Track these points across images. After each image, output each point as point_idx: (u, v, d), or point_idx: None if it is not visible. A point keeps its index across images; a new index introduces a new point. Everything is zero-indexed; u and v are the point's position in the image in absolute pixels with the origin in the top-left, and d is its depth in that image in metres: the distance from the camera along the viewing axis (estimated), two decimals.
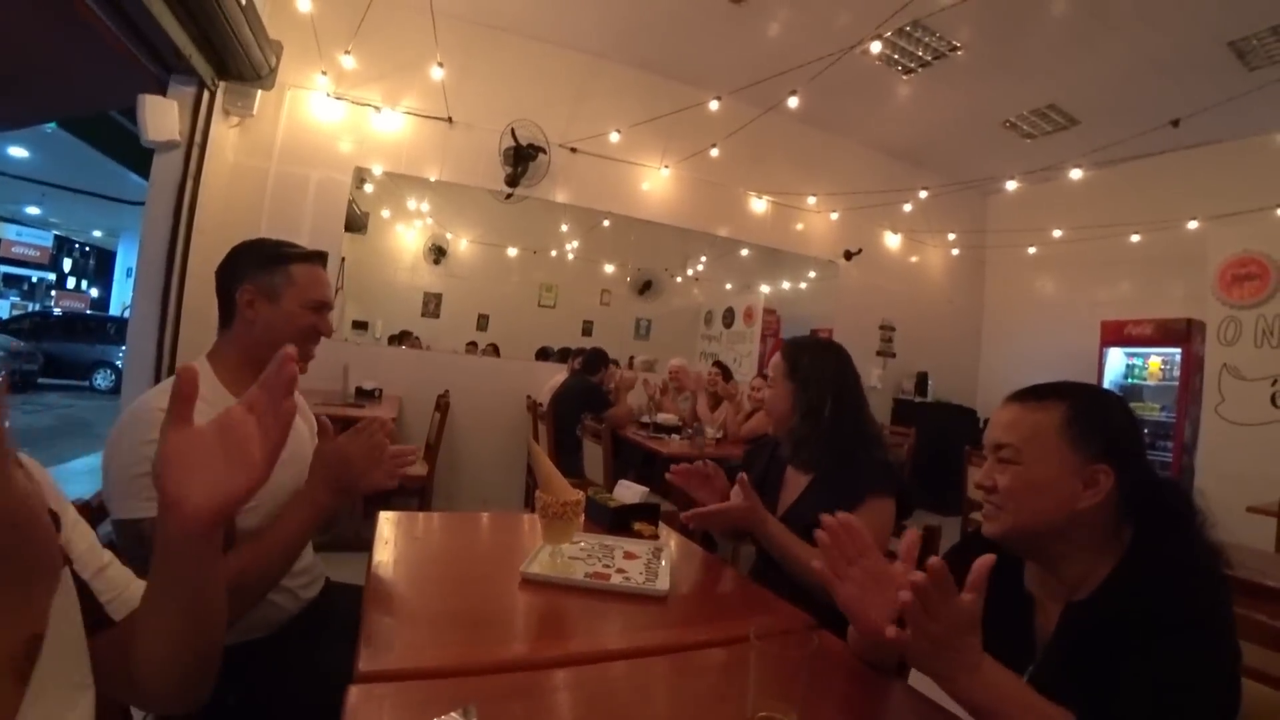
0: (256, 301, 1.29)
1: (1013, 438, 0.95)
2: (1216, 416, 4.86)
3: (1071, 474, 0.90)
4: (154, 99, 3.58)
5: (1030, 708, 0.78)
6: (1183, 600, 0.81)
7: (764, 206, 6.05)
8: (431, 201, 6.51)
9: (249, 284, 1.29)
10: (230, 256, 1.34)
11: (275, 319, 1.29)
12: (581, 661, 0.93)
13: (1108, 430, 0.93)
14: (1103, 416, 0.94)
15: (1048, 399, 0.96)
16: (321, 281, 1.36)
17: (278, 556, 1.14)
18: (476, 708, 0.68)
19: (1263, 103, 4.36)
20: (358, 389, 4.22)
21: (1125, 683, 0.78)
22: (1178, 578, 0.83)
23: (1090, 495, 0.90)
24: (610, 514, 1.55)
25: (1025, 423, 0.96)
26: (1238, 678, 0.84)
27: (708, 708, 0.86)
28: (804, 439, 1.63)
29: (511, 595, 1.14)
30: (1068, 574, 0.94)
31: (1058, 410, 0.94)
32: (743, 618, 1.11)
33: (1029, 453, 0.93)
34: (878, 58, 4.72)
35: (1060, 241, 6.25)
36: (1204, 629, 0.79)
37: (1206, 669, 0.77)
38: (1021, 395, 1.00)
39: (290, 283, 1.30)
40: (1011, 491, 0.93)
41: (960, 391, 6.88)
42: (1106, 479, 0.90)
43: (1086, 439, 0.91)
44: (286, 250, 1.34)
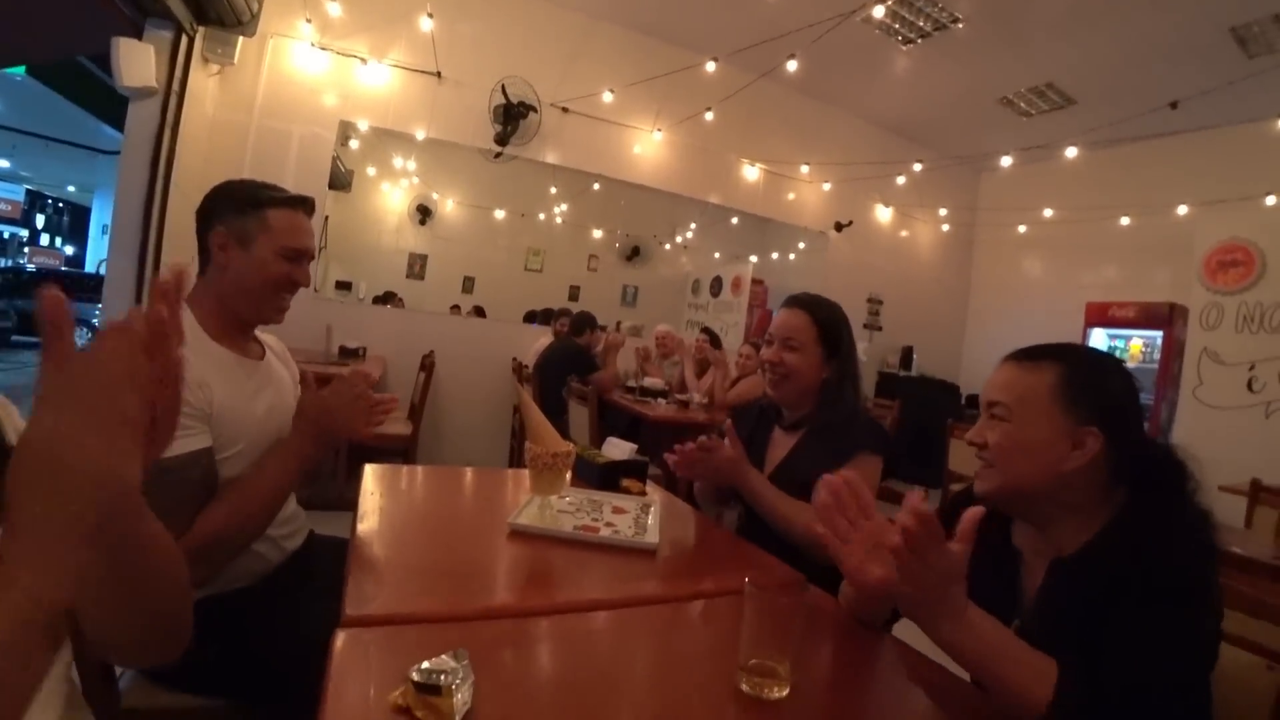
0: (229, 246, 1.23)
1: (1006, 397, 0.96)
2: (1194, 399, 4.95)
3: (1060, 436, 0.91)
4: (129, 42, 3.45)
5: (1011, 654, 0.79)
6: (1169, 562, 0.81)
7: (756, 174, 5.99)
8: (418, 160, 6.39)
9: (222, 226, 1.24)
10: (208, 197, 1.29)
11: (247, 266, 1.23)
12: (571, 610, 0.92)
13: (1101, 395, 0.93)
14: (1097, 381, 0.94)
15: (1043, 361, 0.96)
16: (300, 229, 1.30)
17: (261, 505, 1.12)
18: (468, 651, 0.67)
19: (1259, 90, 4.36)
20: (341, 348, 4.16)
21: (1109, 639, 0.78)
22: (1165, 540, 0.84)
23: (1077, 457, 0.90)
24: (599, 470, 1.54)
25: (1019, 383, 0.96)
26: (1218, 639, 0.85)
27: (699, 656, 0.86)
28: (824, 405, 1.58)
29: (499, 547, 1.13)
30: (1057, 532, 0.94)
31: (1052, 372, 0.94)
32: (732, 572, 1.10)
33: (1020, 412, 0.94)
34: (877, 25, 4.64)
35: (1050, 222, 6.27)
36: (1189, 590, 0.79)
37: (1189, 629, 0.78)
38: (1018, 355, 1.00)
39: (265, 228, 1.24)
40: (1001, 449, 0.94)
41: (944, 367, 6.94)
42: (1095, 442, 0.90)
43: (1078, 402, 0.91)
44: (265, 193, 1.27)
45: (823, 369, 1.59)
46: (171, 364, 0.53)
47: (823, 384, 1.59)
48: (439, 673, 0.62)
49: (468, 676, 0.63)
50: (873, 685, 0.90)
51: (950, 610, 0.79)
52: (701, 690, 0.76)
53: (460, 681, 0.62)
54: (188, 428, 1.07)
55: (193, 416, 1.08)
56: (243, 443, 1.16)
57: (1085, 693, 0.74)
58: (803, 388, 1.59)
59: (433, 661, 0.64)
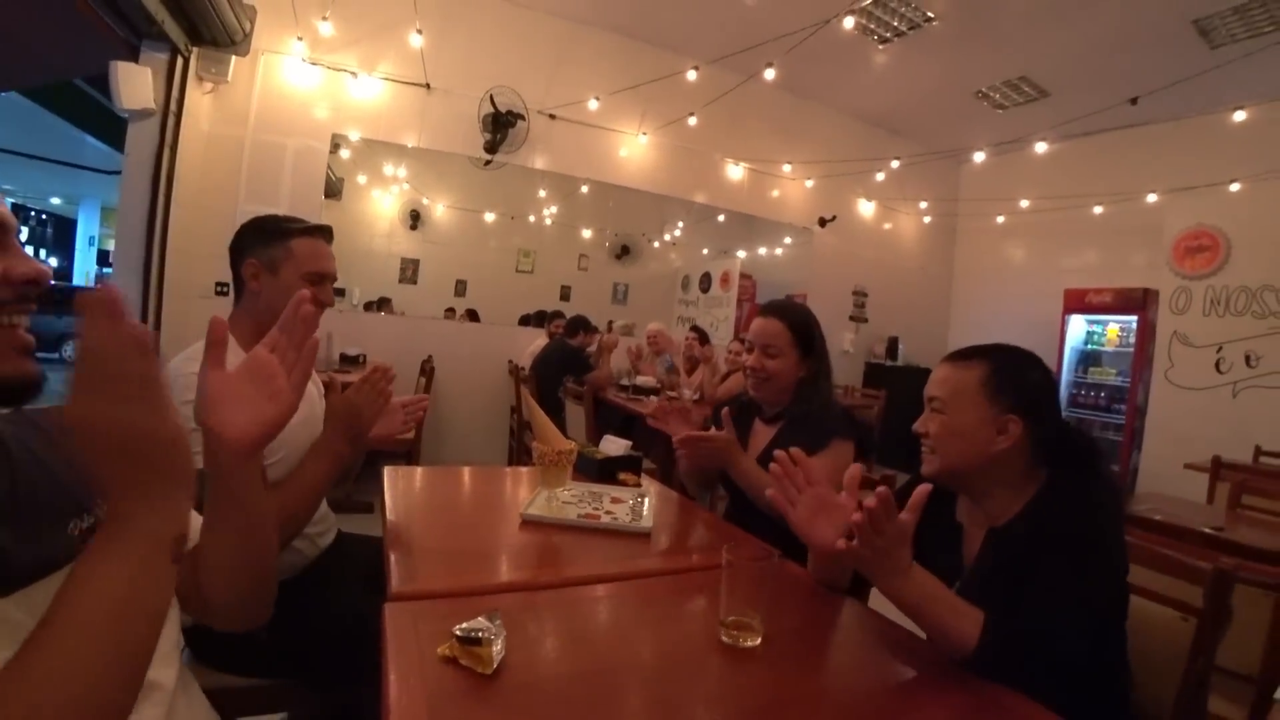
0: (260, 274, 1.38)
1: (941, 391, 1.13)
2: (1166, 381, 5.15)
3: (987, 423, 1.08)
4: (127, 66, 3.53)
5: (947, 604, 0.95)
6: (1080, 526, 0.98)
7: (741, 173, 6.14)
8: (409, 167, 6.47)
9: (253, 258, 1.39)
10: (239, 234, 1.44)
11: (275, 290, 1.38)
12: (580, 583, 1.09)
13: (1021, 387, 1.10)
14: (1017, 375, 1.11)
15: (973, 359, 1.13)
16: (321, 254, 1.45)
17: (303, 503, 1.26)
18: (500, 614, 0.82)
19: (1222, 80, 4.51)
20: (342, 355, 4.29)
21: (1031, 588, 0.94)
22: (1076, 508, 1.01)
23: (1002, 440, 1.07)
24: (597, 465, 1.71)
25: (953, 379, 1.13)
26: (1125, 588, 1.02)
27: (686, 618, 1.04)
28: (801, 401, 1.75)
29: (514, 534, 1.30)
30: (991, 506, 1.11)
31: (979, 369, 1.11)
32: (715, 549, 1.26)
33: (953, 404, 1.11)
34: (854, 27, 4.79)
35: (1028, 211, 6.45)
36: (1095, 548, 0.96)
37: (1095, 580, 0.95)
38: (953, 356, 1.17)
39: (289, 255, 1.39)
40: (939, 437, 1.11)
41: (930, 356, 7.08)
42: (1016, 427, 1.07)
43: (1001, 393, 1.08)
44: (287, 225, 1.43)
45: (799, 368, 1.76)
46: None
47: (799, 381, 1.76)
48: (478, 630, 0.77)
49: (501, 633, 0.79)
50: (833, 636, 1.07)
51: (897, 568, 0.95)
52: (689, 642, 0.93)
53: (495, 636, 0.77)
54: None
55: None
56: (283, 450, 1.31)
57: (1005, 634, 0.90)
58: (782, 386, 1.77)
59: (471, 621, 0.79)
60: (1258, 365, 4.69)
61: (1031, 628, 0.90)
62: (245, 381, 0.73)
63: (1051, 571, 0.94)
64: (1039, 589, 0.94)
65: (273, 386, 0.74)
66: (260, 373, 0.74)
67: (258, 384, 0.73)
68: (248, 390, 0.73)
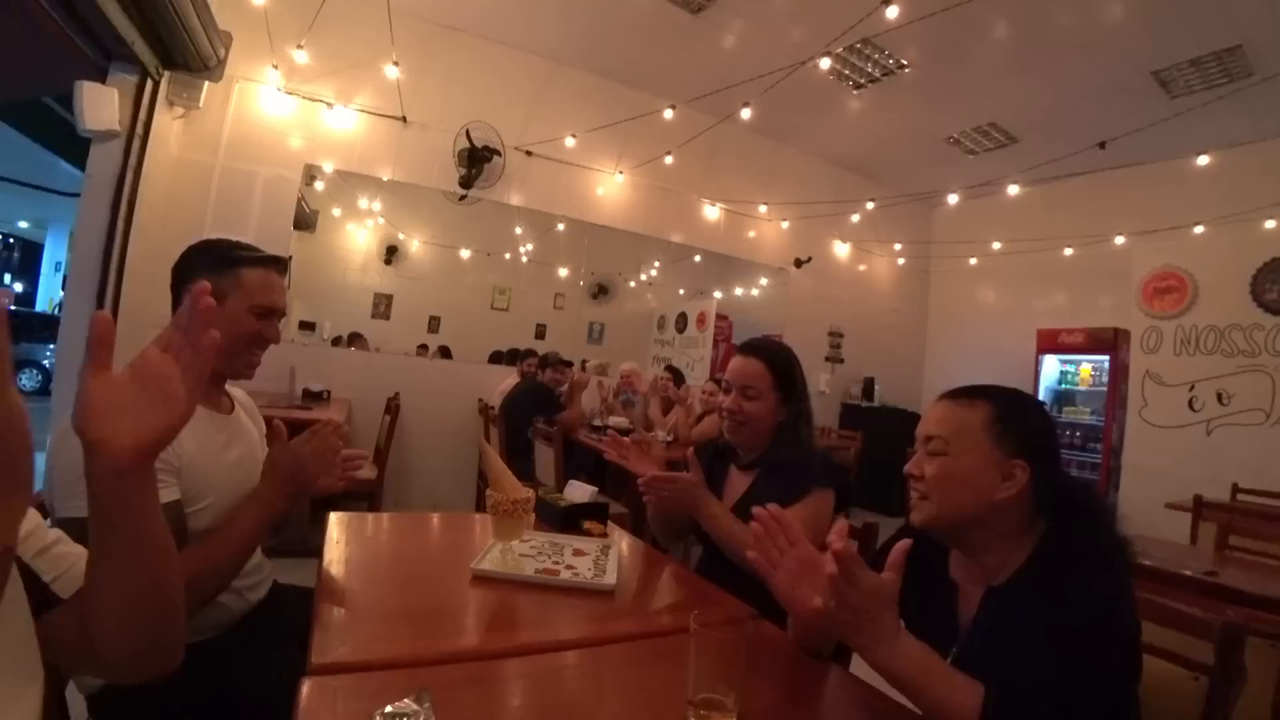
0: None
1: (942, 431, 1.04)
2: (1140, 420, 5.17)
3: (992, 467, 0.99)
4: (92, 86, 3.44)
5: (941, 676, 0.85)
6: (1088, 585, 0.88)
7: (717, 214, 6.16)
8: (384, 201, 6.41)
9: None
10: (185, 254, 1.33)
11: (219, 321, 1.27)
12: (532, 651, 0.96)
13: (1027, 430, 1.01)
14: (1023, 418, 1.03)
15: (976, 398, 1.05)
16: (272, 287, 1.34)
17: (229, 556, 1.14)
18: (431, 694, 0.71)
19: (1182, 128, 4.66)
20: (305, 391, 4.13)
21: (1034, 656, 0.85)
22: (1084, 565, 0.91)
23: (1007, 487, 0.98)
24: (560, 513, 1.58)
25: (954, 418, 1.04)
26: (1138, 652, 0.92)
27: (653, 693, 0.91)
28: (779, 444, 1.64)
29: (463, 592, 1.16)
30: (987, 561, 1.01)
31: (984, 409, 1.02)
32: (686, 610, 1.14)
33: (956, 445, 1.02)
34: (829, 72, 4.87)
35: (1000, 254, 6.54)
36: (1105, 610, 0.87)
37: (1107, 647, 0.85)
38: (954, 394, 1.08)
39: (238, 285, 1.29)
40: (937, 480, 1.02)
41: (906, 396, 7.11)
42: (1022, 473, 0.98)
43: (1007, 436, 1.00)
44: (239, 252, 1.32)
45: (778, 412, 1.65)
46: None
47: (778, 425, 1.65)
48: (402, 716, 0.66)
49: (430, 719, 0.67)
50: (818, 712, 0.95)
51: (883, 635, 0.85)
52: None
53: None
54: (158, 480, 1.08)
55: (163, 470, 1.10)
56: (212, 496, 1.18)
57: (1010, 712, 0.80)
58: (760, 431, 1.65)
59: (396, 705, 0.67)
60: (1229, 403, 4.73)
61: (1039, 702, 0.80)
62: (133, 387, 0.63)
63: (1060, 637, 0.84)
64: (1047, 656, 0.84)
65: (165, 390, 0.64)
66: (151, 375, 0.64)
67: (148, 388, 0.63)
68: (136, 396, 0.63)
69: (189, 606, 1.09)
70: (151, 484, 0.68)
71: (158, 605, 0.70)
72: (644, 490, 1.54)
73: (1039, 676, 0.83)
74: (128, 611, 0.68)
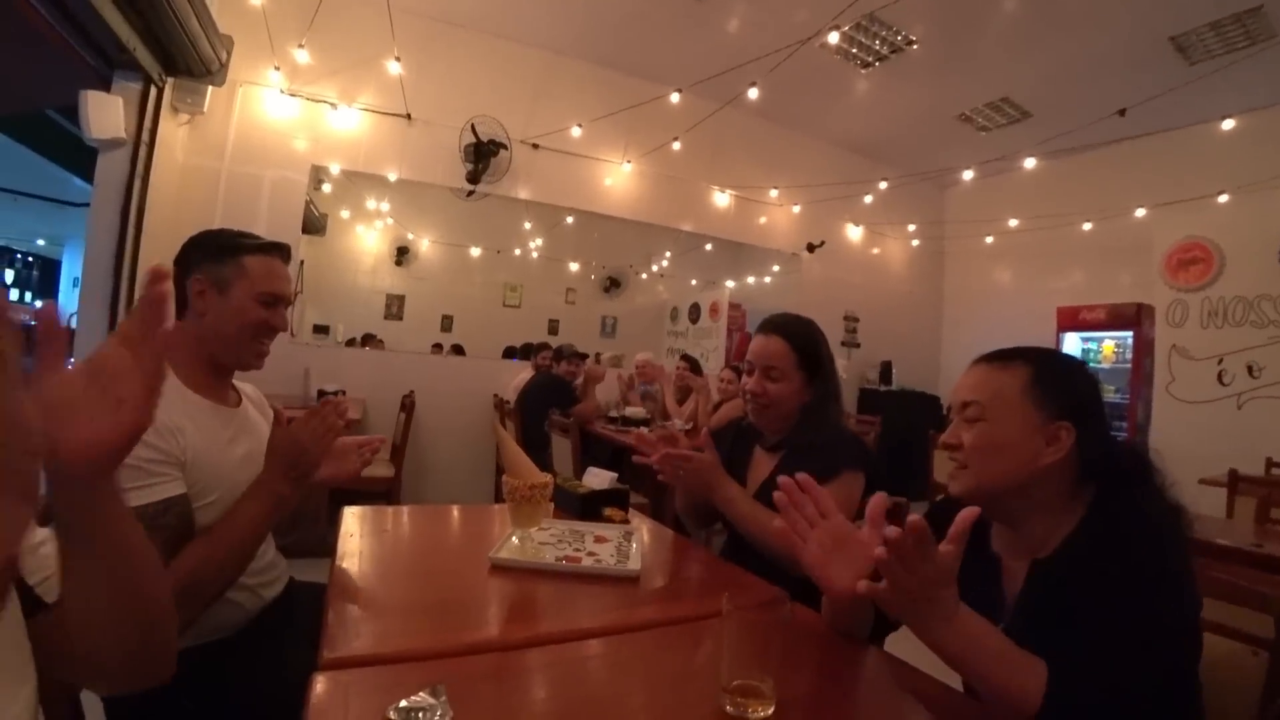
0: (207, 292, 1.24)
1: (979, 396, 0.97)
2: (1168, 396, 5.05)
3: (1034, 431, 0.93)
4: (97, 95, 3.44)
5: (1004, 655, 0.80)
6: (1142, 553, 0.83)
7: (726, 200, 6.09)
8: (392, 201, 6.41)
9: (200, 274, 1.25)
10: (186, 245, 1.30)
11: (224, 311, 1.24)
12: (553, 641, 0.91)
13: (1069, 391, 0.95)
14: (1064, 378, 0.97)
15: (1013, 360, 0.98)
16: (276, 274, 1.31)
17: (235, 550, 1.10)
18: (446, 687, 0.66)
19: (1202, 94, 4.53)
20: (320, 391, 4.12)
21: (1092, 635, 0.79)
22: (1137, 532, 0.85)
23: (1052, 452, 0.92)
24: (579, 500, 1.53)
25: (991, 382, 0.98)
26: (1198, 627, 0.86)
27: (684, 679, 0.86)
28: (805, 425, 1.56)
29: (481, 582, 1.12)
30: (1032, 532, 0.95)
31: (1023, 371, 0.96)
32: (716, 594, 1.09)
33: (994, 410, 0.95)
34: (835, 51, 4.78)
35: (1015, 231, 6.42)
36: (1165, 579, 0.81)
37: (1166, 617, 0.79)
38: (988, 357, 1.02)
39: (242, 274, 1.26)
40: (976, 448, 0.95)
41: (924, 379, 7.02)
42: (1068, 436, 0.92)
43: (1049, 398, 0.94)
44: (242, 240, 1.29)
45: (804, 393, 1.57)
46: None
47: (803, 407, 1.58)
48: (417, 710, 0.61)
49: (446, 713, 0.63)
50: (860, 698, 0.90)
51: (941, 613, 0.80)
52: (686, 714, 0.75)
53: (439, 718, 0.61)
54: (162, 475, 1.06)
55: (166, 464, 1.07)
56: (218, 491, 1.14)
57: (1075, 691, 0.74)
58: (785, 413, 1.58)
59: (410, 700, 0.63)
60: (1261, 376, 4.60)
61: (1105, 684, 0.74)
62: (87, 386, 0.57)
63: (1118, 613, 0.79)
64: (1107, 635, 0.78)
65: (121, 389, 0.57)
66: (106, 373, 0.57)
67: (103, 388, 0.57)
68: (89, 396, 0.56)
69: (193, 607, 1.05)
70: (113, 492, 0.61)
71: (135, 618, 0.65)
72: (658, 468, 1.48)
73: (1101, 654, 0.77)
74: (107, 622, 0.63)
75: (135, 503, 0.99)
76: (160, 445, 1.06)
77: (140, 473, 1.02)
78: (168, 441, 1.07)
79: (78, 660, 0.64)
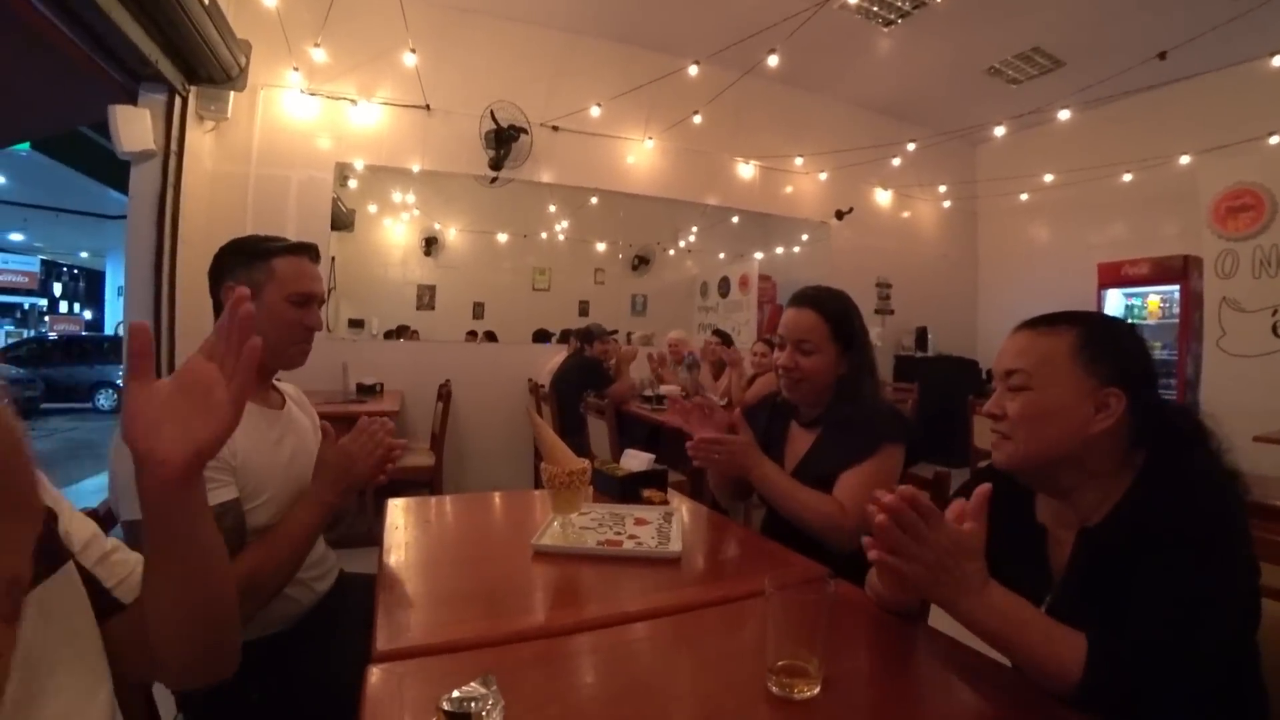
0: None
1: (1024, 363, 0.94)
2: (1218, 350, 4.86)
3: (1083, 398, 0.89)
4: (125, 109, 3.52)
5: (1038, 629, 0.78)
6: (1196, 517, 0.80)
7: (751, 171, 6.00)
8: (417, 193, 6.46)
9: (232, 281, 1.28)
10: (216, 256, 1.33)
11: (259, 315, 1.27)
12: (598, 626, 0.92)
13: (1119, 355, 0.92)
14: (1113, 342, 0.93)
15: (1059, 325, 0.95)
16: (306, 274, 1.33)
17: (288, 554, 1.14)
18: (496, 676, 0.68)
19: (1247, 29, 4.28)
20: (358, 385, 4.21)
21: (1140, 599, 0.77)
22: (1190, 496, 0.82)
23: (1102, 419, 0.89)
24: (618, 483, 1.55)
25: (1037, 348, 0.94)
26: (1256, 592, 0.83)
27: (729, 660, 0.86)
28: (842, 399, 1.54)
29: (525, 569, 1.14)
30: (1081, 501, 0.93)
31: (1069, 335, 0.93)
32: (758, 573, 1.10)
33: (1040, 378, 0.92)
34: (855, 10, 4.64)
35: (1051, 186, 6.20)
36: (1218, 543, 0.78)
37: (1222, 583, 0.76)
38: (1033, 322, 0.98)
39: (271, 276, 1.28)
40: (1023, 418, 0.92)
41: (961, 344, 6.88)
42: (1118, 403, 0.89)
43: (1098, 363, 0.90)
44: (269, 244, 1.32)
45: (838, 365, 1.55)
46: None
47: (839, 379, 1.56)
48: (469, 700, 0.63)
49: (498, 702, 0.64)
50: (906, 676, 0.90)
51: (969, 588, 0.79)
52: (732, 695, 0.76)
53: (490, 708, 0.63)
54: (216, 481, 1.09)
55: (220, 470, 1.10)
56: (269, 491, 1.18)
57: (1117, 662, 0.73)
58: (820, 387, 1.56)
59: (462, 690, 0.65)
60: None
61: (1150, 654, 0.73)
62: (178, 396, 0.62)
63: (1167, 576, 0.76)
64: (1154, 598, 0.76)
65: (210, 400, 0.64)
66: (196, 385, 0.64)
67: (193, 398, 0.63)
68: (180, 406, 0.62)
69: (250, 605, 1.09)
70: (201, 494, 0.67)
71: (213, 614, 0.70)
72: (692, 455, 1.48)
73: (1147, 623, 0.75)
74: (184, 620, 0.67)
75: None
76: None
77: None
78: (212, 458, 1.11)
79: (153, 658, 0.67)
